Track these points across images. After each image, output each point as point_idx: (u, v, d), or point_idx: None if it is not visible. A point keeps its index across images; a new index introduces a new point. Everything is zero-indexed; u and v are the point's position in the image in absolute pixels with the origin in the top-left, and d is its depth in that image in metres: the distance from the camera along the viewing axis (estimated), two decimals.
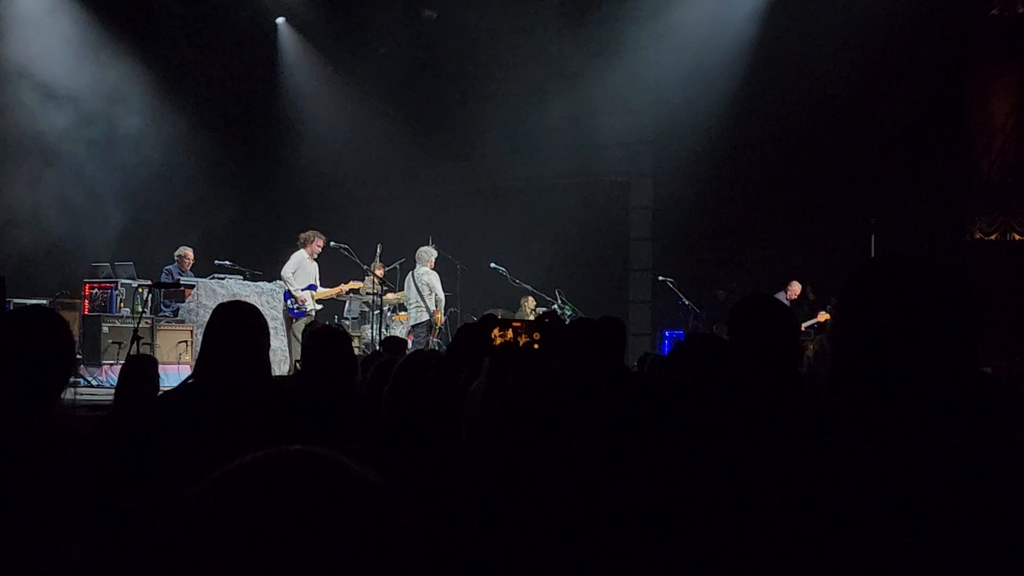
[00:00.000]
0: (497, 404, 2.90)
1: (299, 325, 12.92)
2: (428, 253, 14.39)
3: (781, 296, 14.73)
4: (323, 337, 4.68)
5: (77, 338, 11.51)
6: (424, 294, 14.07)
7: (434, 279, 14.27)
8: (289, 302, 13.34)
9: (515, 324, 3.03)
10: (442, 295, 14.34)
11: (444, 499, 2.60)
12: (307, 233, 13.52)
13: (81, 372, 12.18)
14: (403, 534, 1.02)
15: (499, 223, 18.16)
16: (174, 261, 14.45)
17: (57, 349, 2.73)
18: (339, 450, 1.06)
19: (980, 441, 1.85)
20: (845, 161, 17.23)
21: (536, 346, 3.01)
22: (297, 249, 13.48)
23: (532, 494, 2.71)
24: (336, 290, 13.96)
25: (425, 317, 14.11)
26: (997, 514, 1.77)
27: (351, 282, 14.07)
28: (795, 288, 15.16)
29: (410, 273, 14.47)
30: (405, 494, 1.07)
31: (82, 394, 10.56)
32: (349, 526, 0.98)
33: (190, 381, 3.96)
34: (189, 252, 14.59)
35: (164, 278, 13.89)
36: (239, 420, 3.60)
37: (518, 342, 3.02)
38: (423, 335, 14.07)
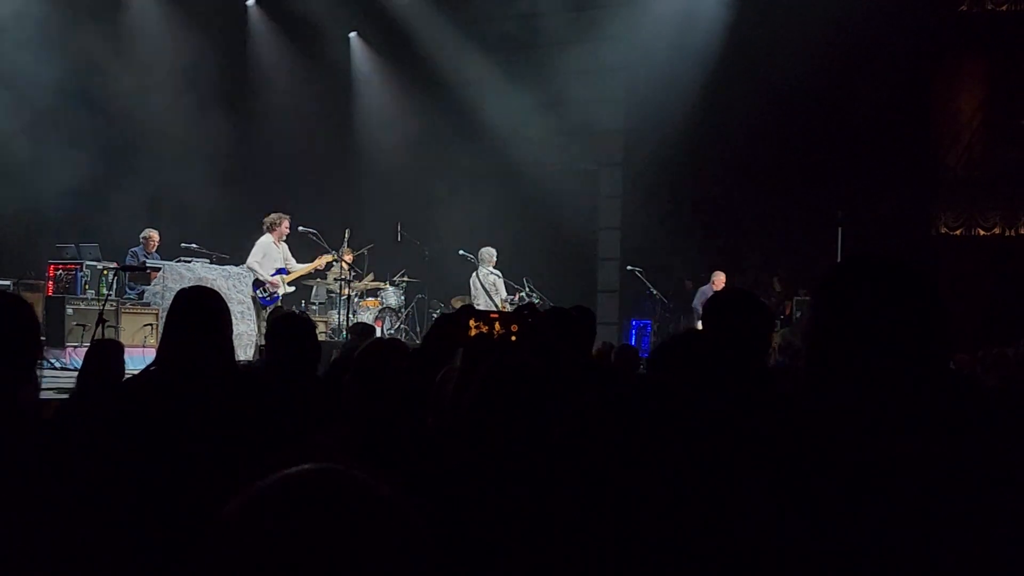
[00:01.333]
0: (470, 395, 2.89)
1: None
2: (489, 253, 14.95)
3: (707, 289, 14.83)
4: (286, 323, 4.66)
5: (41, 320, 11.40)
6: (491, 293, 14.25)
7: (499, 279, 14.81)
8: (258, 291, 12.91)
9: (492, 315, 3.03)
10: (505, 294, 14.79)
11: (410, 488, 2.59)
12: (272, 216, 13.10)
13: (44, 354, 12.06)
14: (417, 539, 1.13)
15: (467, 210, 18.12)
16: (140, 243, 14.31)
17: (21, 335, 2.70)
18: (347, 465, 1.17)
19: (949, 435, 1.87)
20: (813, 154, 17.35)
21: (513, 338, 3.01)
22: (262, 235, 13.11)
23: (504, 486, 2.70)
24: (312, 266, 13.60)
25: None
26: (965, 507, 1.79)
27: (323, 255, 13.68)
28: (719, 279, 15.10)
29: (474, 273, 14.75)
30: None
31: (46, 377, 10.45)
32: (368, 535, 1.09)
33: (152, 368, 3.93)
34: (155, 234, 14.44)
35: (129, 260, 13.76)
36: (201, 406, 3.58)
37: (494, 333, 3.02)
38: None
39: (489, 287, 14.43)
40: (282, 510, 1.09)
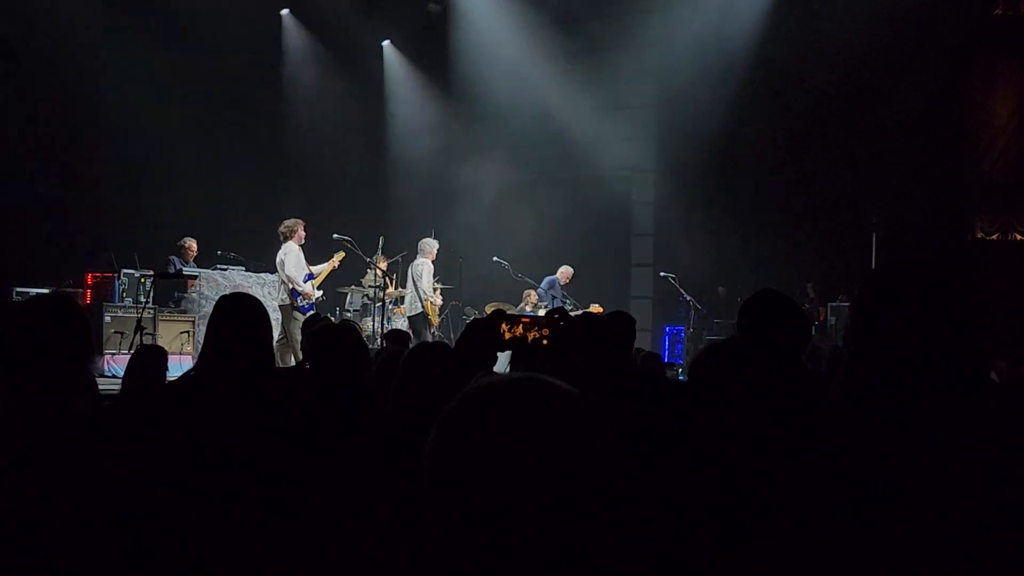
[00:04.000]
0: None
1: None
2: (429, 245, 14.36)
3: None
4: (331, 335, 4.60)
5: None
6: (417, 285, 14.09)
7: (425, 270, 14.24)
8: (299, 299, 12.60)
9: (524, 320, 3.04)
10: (427, 286, 14.24)
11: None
12: (288, 223, 12.84)
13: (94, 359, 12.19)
14: (609, 436, 1.28)
15: (502, 217, 18.17)
16: (178, 252, 14.43)
17: (75, 333, 2.74)
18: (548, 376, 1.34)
19: (993, 444, 1.87)
20: (848, 159, 17.25)
21: (545, 342, 3.01)
22: (283, 242, 12.78)
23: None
24: (330, 264, 13.37)
25: (419, 308, 14.11)
26: (1006, 516, 1.79)
27: (335, 255, 13.46)
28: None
29: (410, 264, 14.47)
30: (411, 488, 1.38)
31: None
32: (570, 431, 1.25)
33: (193, 372, 3.98)
34: (193, 243, 14.56)
35: (170, 268, 13.89)
36: (239, 411, 3.62)
37: (527, 337, 3.03)
38: (420, 327, 14.06)
39: (416, 278, 14.24)
40: (495, 408, 1.27)
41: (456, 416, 1.30)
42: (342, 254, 13.58)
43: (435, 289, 14.51)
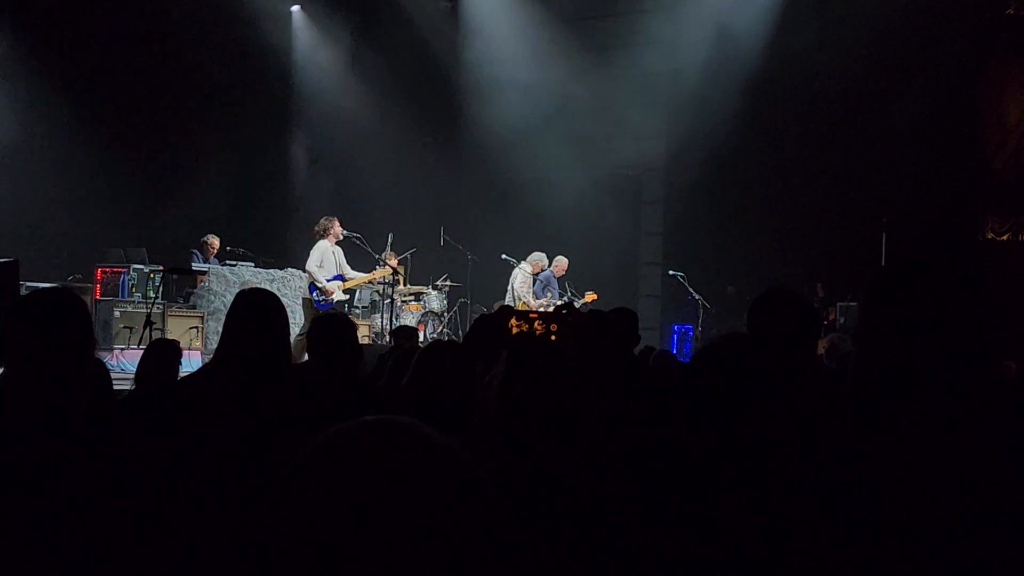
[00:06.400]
0: (514, 398, 2.90)
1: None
2: (536, 257, 15.30)
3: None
4: (326, 324, 4.69)
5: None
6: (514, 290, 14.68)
7: (520, 276, 14.98)
8: (315, 294, 12.72)
9: (532, 315, 3.04)
10: (523, 291, 14.80)
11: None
12: (322, 221, 13.00)
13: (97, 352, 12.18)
14: (476, 487, 1.18)
15: (511, 215, 18.16)
16: (200, 247, 14.43)
17: (76, 326, 2.75)
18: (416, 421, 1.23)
19: (1002, 442, 1.86)
20: (857, 159, 17.20)
21: (553, 337, 3.02)
22: (316, 240, 12.95)
23: (547, 488, 2.71)
24: (369, 276, 13.56)
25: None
26: (1015, 514, 1.78)
27: (377, 269, 13.66)
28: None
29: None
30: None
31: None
32: (430, 480, 1.15)
33: (209, 365, 4.00)
34: (216, 240, 14.57)
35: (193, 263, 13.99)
36: (252, 404, 3.63)
37: (535, 332, 3.03)
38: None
39: (512, 280, 14.97)
40: (351, 456, 1.15)
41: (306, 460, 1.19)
42: (387, 271, 13.75)
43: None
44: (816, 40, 15.94)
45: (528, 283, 14.87)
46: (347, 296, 13.41)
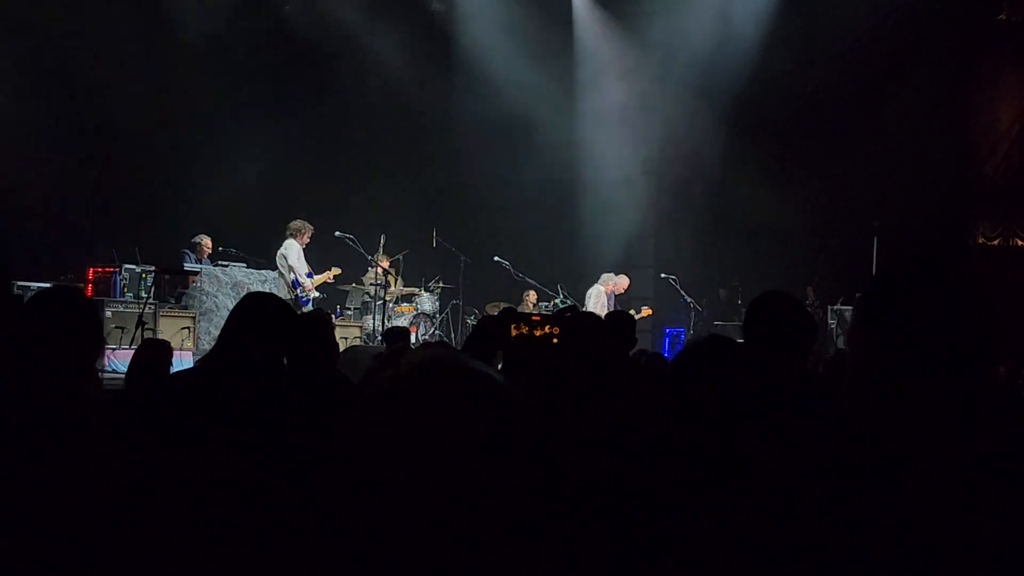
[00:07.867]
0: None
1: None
2: (607, 277, 15.49)
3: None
4: (305, 322, 4.72)
5: None
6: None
7: (594, 294, 15.21)
8: (298, 290, 13.00)
9: (534, 318, 3.04)
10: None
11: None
12: (298, 223, 13.23)
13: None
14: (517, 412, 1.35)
15: (502, 217, 18.15)
16: (193, 248, 14.39)
17: (87, 325, 2.75)
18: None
19: (996, 447, 1.87)
20: (849, 162, 17.24)
21: (555, 340, 3.02)
22: (288, 238, 13.21)
23: (546, 491, 2.71)
24: (324, 276, 13.72)
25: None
26: (1009, 519, 1.79)
27: (332, 268, 13.85)
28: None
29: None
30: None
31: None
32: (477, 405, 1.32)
33: (200, 363, 4.00)
34: (208, 240, 14.50)
35: (184, 262, 13.95)
36: (244, 401, 3.63)
37: (535, 335, 3.02)
38: None
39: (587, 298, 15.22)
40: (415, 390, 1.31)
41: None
42: (338, 271, 13.92)
43: None
44: (809, 44, 15.99)
45: (602, 302, 14.92)
46: (318, 293, 13.53)
